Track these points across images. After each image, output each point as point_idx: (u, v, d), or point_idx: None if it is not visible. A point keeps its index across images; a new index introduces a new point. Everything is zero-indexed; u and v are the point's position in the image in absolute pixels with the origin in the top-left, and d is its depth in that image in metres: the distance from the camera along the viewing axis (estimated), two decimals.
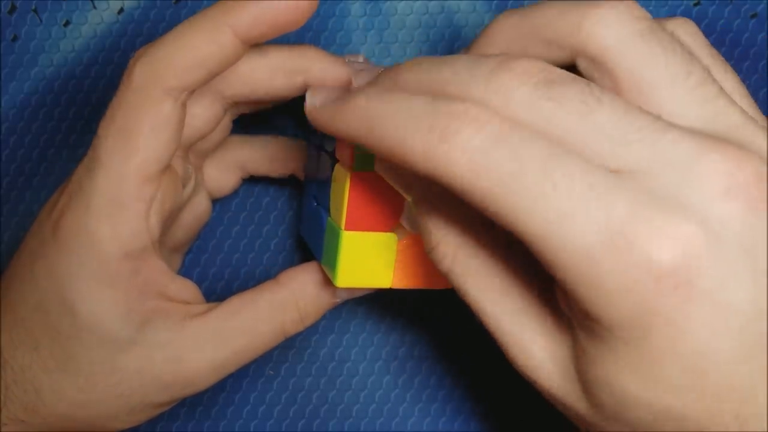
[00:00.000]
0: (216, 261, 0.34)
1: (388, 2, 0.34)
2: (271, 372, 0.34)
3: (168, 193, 0.26)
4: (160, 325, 0.26)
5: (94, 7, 0.34)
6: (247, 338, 0.26)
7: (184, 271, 0.33)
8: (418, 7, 0.34)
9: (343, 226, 0.25)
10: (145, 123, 0.24)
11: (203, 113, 0.27)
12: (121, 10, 0.34)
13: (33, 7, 0.34)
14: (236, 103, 0.28)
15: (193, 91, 0.25)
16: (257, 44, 0.26)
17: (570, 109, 0.19)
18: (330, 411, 0.33)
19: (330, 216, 0.27)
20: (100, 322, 0.25)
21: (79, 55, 0.34)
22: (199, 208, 0.31)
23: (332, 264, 0.26)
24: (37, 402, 0.26)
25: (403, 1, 0.34)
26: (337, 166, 0.26)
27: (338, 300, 0.28)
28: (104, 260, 0.25)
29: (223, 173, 0.31)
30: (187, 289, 0.27)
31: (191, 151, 0.29)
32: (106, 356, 0.25)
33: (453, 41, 0.34)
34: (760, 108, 0.33)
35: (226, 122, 0.30)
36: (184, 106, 0.25)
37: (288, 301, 0.27)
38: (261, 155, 0.31)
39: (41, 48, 0.34)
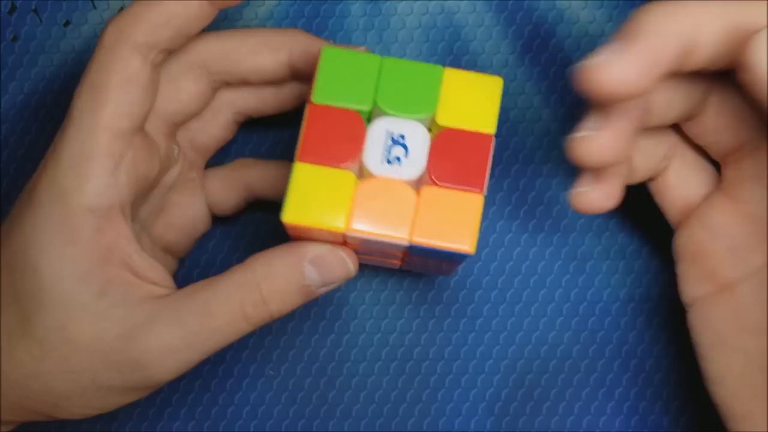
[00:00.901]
0: (216, 261, 0.34)
1: (388, 2, 0.34)
2: (271, 372, 0.33)
3: (141, 157, 0.26)
4: (118, 299, 0.25)
5: (94, 7, 0.34)
6: (201, 318, 0.25)
7: (184, 272, 0.33)
8: (418, 7, 0.34)
9: (297, 158, 0.24)
10: (114, 78, 0.25)
11: (189, 88, 0.28)
12: (121, 10, 0.34)
13: (33, 7, 0.34)
14: (227, 83, 0.28)
15: (165, 51, 0.26)
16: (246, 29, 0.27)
17: None
18: (330, 411, 0.33)
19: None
20: (59, 280, 0.25)
21: (79, 56, 0.34)
22: (192, 210, 0.31)
23: (283, 201, 0.24)
24: None
25: (403, 1, 0.34)
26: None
27: (308, 283, 0.25)
28: (68, 213, 0.25)
29: (226, 187, 0.31)
30: (155, 269, 0.26)
31: (193, 149, 0.29)
32: (59, 323, 0.25)
33: (453, 41, 0.34)
34: None
35: (229, 121, 0.30)
36: (155, 67, 0.26)
37: (249, 281, 0.25)
38: (268, 176, 0.31)
39: (41, 48, 0.34)
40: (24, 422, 0.27)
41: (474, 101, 0.24)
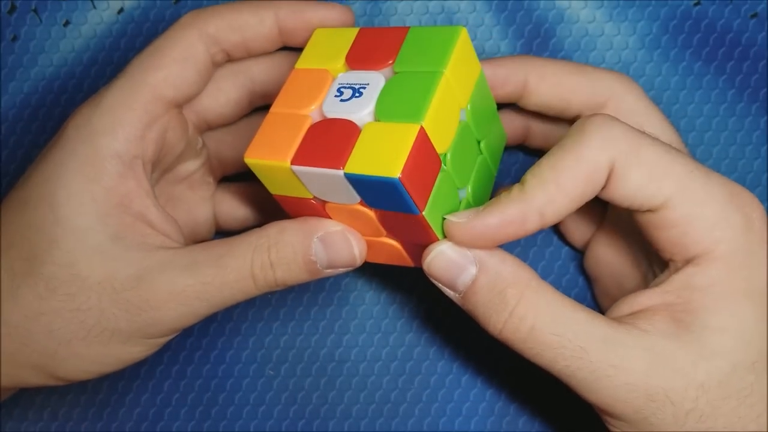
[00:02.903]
0: None
1: (388, 2, 0.34)
2: (271, 372, 0.33)
3: (172, 128, 0.28)
4: (132, 244, 0.25)
5: (94, 7, 0.34)
6: (214, 269, 0.25)
7: None
8: (418, 7, 0.34)
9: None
10: (175, 51, 0.27)
11: (230, 92, 0.30)
12: (120, 10, 0.34)
13: (33, 7, 0.34)
14: (229, 56, 0.29)
15: (225, 54, 0.28)
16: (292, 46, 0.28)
17: None
18: (330, 411, 0.33)
19: None
20: (75, 215, 0.25)
21: (78, 55, 0.34)
22: (198, 211, 0.31)
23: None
24: None
25: (403, 1, 0.34)
26: None
27: (314, 259, 0.26)
28: (95, 153, 0.25)
29: (235, 200, 0.32)
30: (170, 224, 0.27)
31: (218, 158, 0.31)
32: (70, 259, 0.25)
33: None
34: (760, 108, 0.33)
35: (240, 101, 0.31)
36: (213, 63, 0.28)
37: (261, 243, 0.26)
38: None
39: (41, 48, 0.34)
40: (20, 386, 0.27)
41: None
